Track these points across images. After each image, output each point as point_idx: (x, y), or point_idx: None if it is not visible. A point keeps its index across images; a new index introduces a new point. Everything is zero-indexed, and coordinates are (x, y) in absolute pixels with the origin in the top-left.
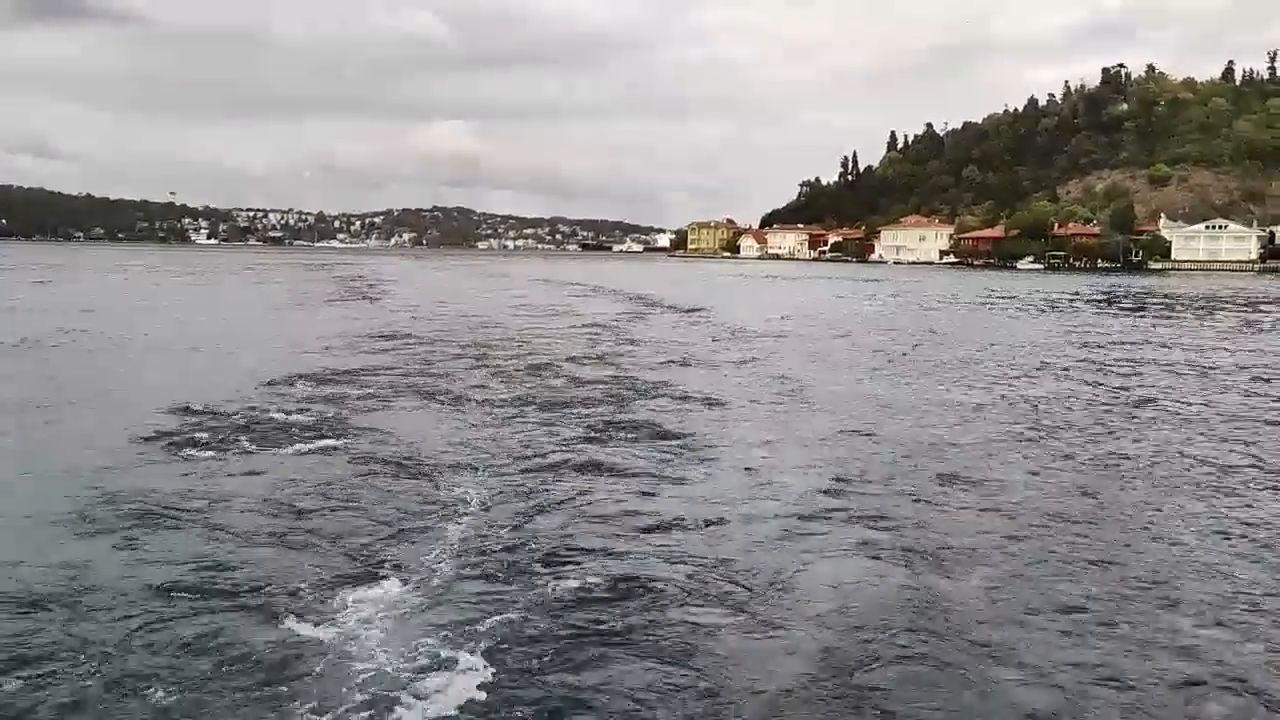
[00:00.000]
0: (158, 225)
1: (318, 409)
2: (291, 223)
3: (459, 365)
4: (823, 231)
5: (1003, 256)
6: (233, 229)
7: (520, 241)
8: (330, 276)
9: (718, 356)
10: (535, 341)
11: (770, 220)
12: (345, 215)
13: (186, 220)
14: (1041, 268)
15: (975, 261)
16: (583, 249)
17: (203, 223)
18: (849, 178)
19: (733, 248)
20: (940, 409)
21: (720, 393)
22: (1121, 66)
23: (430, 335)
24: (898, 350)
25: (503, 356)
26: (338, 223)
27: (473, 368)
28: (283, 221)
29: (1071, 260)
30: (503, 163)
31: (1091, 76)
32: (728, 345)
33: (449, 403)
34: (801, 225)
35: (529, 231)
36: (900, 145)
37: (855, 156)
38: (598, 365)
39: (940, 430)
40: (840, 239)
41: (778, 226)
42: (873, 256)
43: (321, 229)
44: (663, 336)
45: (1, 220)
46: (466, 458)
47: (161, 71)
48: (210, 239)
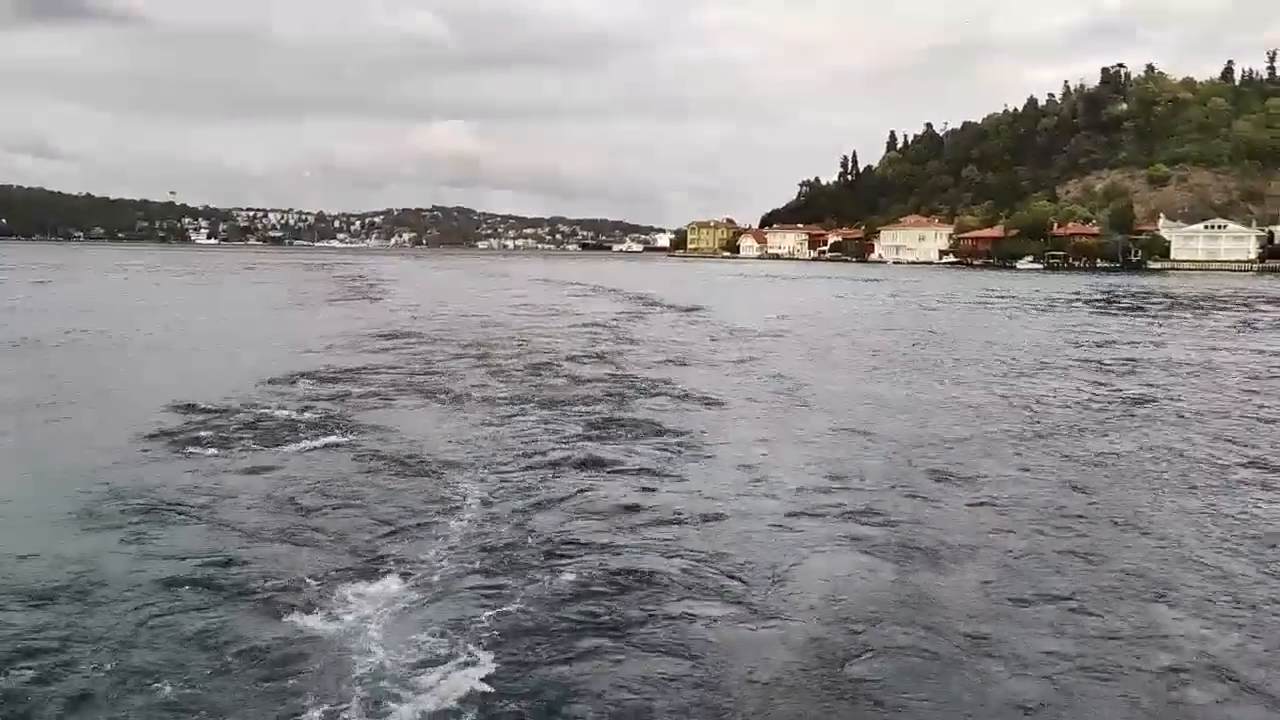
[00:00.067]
0: (158, 225)
1: (319, 407)
2: (291, 223)
3: (459, 364)
4: (822, 231)
5: (1002, 256)
6: (233, 229)
7: (520, 241)
8: (330, 276)
9: (716, 356)
10: (535, 340)
11: (770, 220)
12: (345, 215)
13: (186, 220)
14: (1041, 268)
15: (975, 261)
16: (583, 249)
17: (203, 222)
18: (849, 178)
19: (732, 248)
20: (937, 408)
21: (718, 391)
22: (1121, 66)
23: (431, 334)
24: (896, 350)
25: (503, 355)
26: (338, 222)
27: (473, 366)
28: (283, 221)
29: (1071, 260)
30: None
31: (1091, 76)
32: (726, 344)
33: (450, 401)
34: (801, 225)
35: (529, 231)
36: (900, 145)
37: (855, 156)
38: (597, 364)
39: (936, 428)
40: (840, 239)
41: (777, 226)
42: (872, 256)
43: (321, 229)
44: (662, 336)
45: (1, 220)
46: (467, 455)
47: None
48: (210, 239)
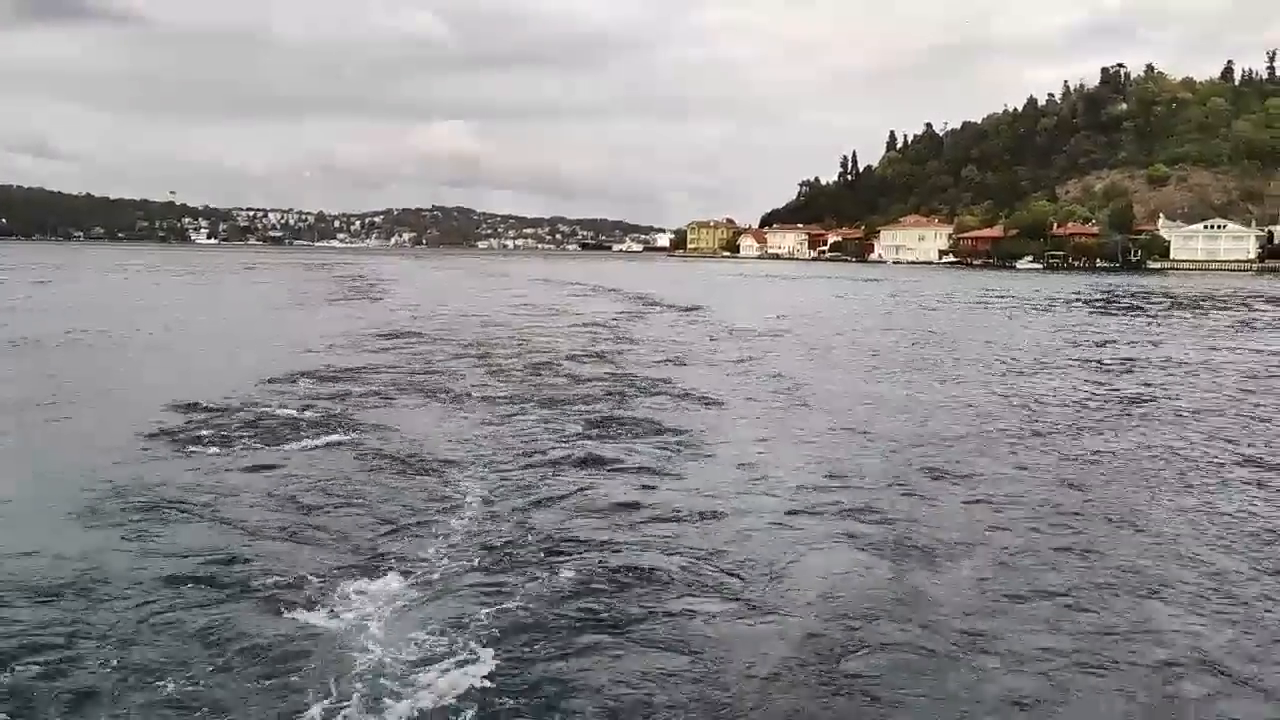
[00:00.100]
0: (158, 225)
1: (320, 406)
2: (291, 222)
3: (460, 364)
4: (822, 231)
5: (1002, 256)
6: (233, 229)
7: (520, 241)
8: (330, 276)
9: (716, 355)
10: (535, 340)
11: (770, 220)
12: (345, 215)
13: (186, 220)
14: (1040, 267)
15: (974, 261)
16: (582, 249)
17: (203, 222)
18: (848, 178)
19: (732, 247)
20: (935, 407)
21: (718, 391)
22: (1121, 66)
23: (431, 334)
24: (895, 349)
25: (503, 355)
26: (338, 222)
27: (473, 366)
28: (283, 221)
29: (1070, 260)
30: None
31: (1091, 76)
32: (726, 344)
33: (450, 400)
34: (801, 225)
35: (529, 231)
36: (900, 145)
37: (855, 156)
38: (597, 363)
39: (934, 427)
40: (840, 239)
41: (777, 226)
42: (872, 256)
43: (321, 229)
44: (661, 335)
45: (1, 220)
46: (468, 454)
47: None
48: (210, 239)
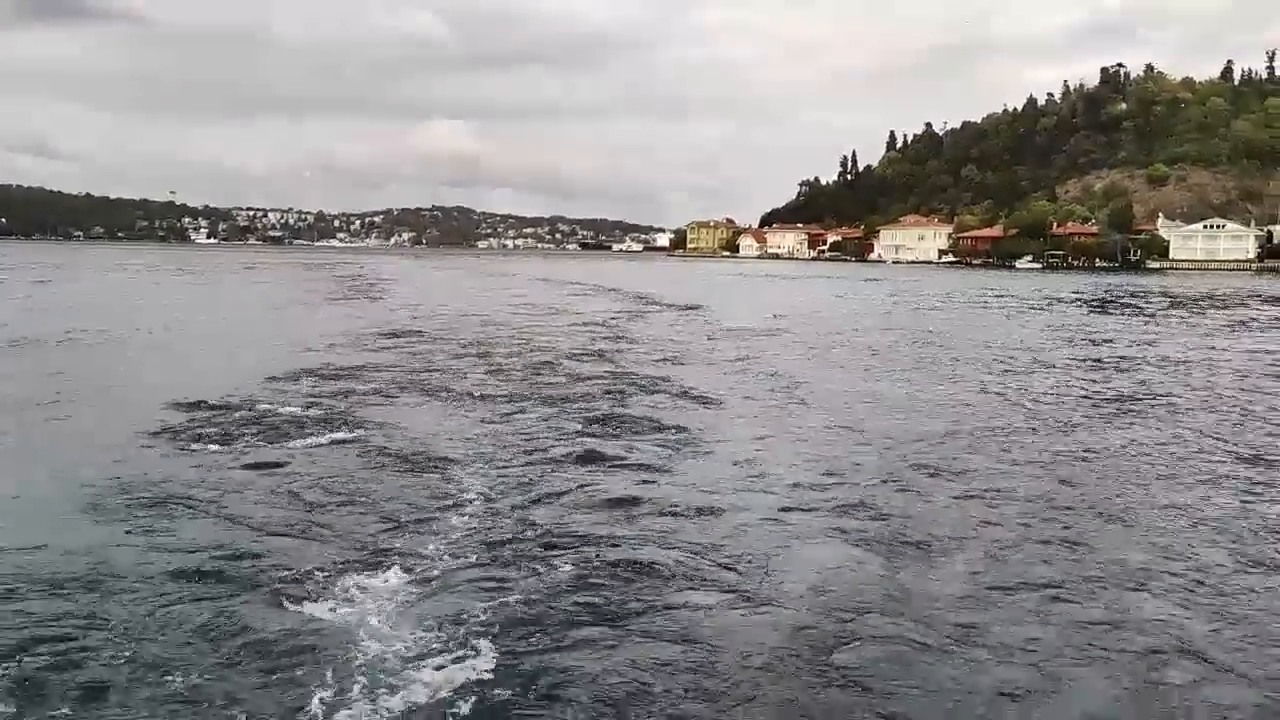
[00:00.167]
0: (157, 225)
1: (322, 404)
2: (291, 222)
3: (460, 362)
4: (822, 231)
5: (1001, 256)
6: (232, 228)
7: (520, 241)
8: (330, 275)
9: (715, 354)
10: (535, 339)
11: (770, 220)
12: (345, 215)
13: (186, 220)
14: (1040, 267)
15: (974, 261)
16: (582, 248)
17: (203, 222)
18: (848, 177)
19: (732, 247)
20: (932, 405)
21: (716, 389)
22: (1120, 66)
23: (431, 333)
24: (893, 348)
25: (503, 354)
26: (337, 222)
27: (474, 365)
28: (282, 221)
29: (1070, 259)
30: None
31: (1091, 76)
32: (724, 343)
33: (451, 398)
34: (801, 225)
35: (529, 231)
36: (899, 145)
37: (855, 156)
38: (597, 362)
39: (931, 425)
40: (839, 238)
41: (777, 226)
42: (872, 256)
43: (321, 228)
44: (661, 334)
45: (1, 220)
46: (469, 451)
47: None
48: (210, 238)
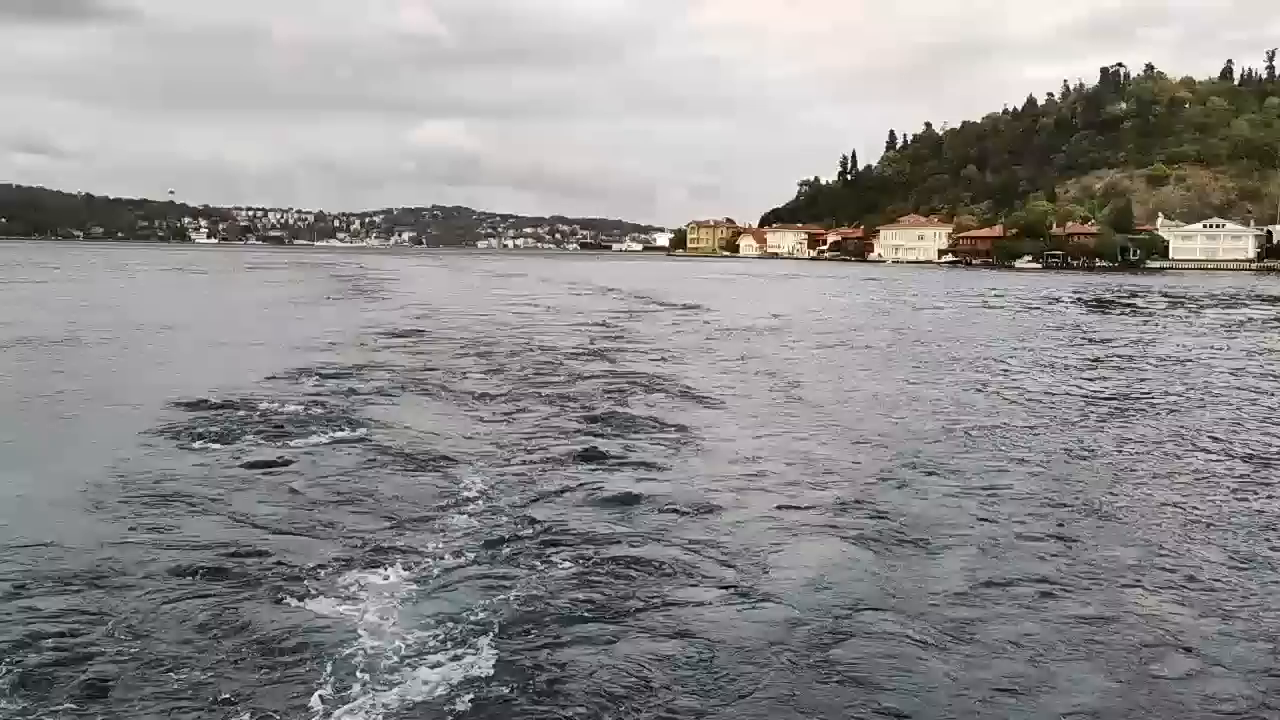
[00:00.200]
0: (157, 224)
1: (324, 403)
2: (291, 222)
3: (461, 361)
4: (822, 231)
5: (1001, 256)
6: (232, 228)
7: (520, 240)
8: (331, 275)
9: (714, 353)
10: (536, 338)
11: (769, 219)
12: (345, 214)
13: (186, 219)
14: (1039, 267)
15: (974, 261)
16: (582, 248)
17: (202, 222)
18: (848, 177)
19: (732, 247)
20: (929, 403)
21: (715, 388)
22: (1120, 66)
23: (432, 332)
24: (892, 347)
25: (504, 353)
26: (337, 221)
27: (475, 364)
28: (282, 220)
29: (1069, 259)
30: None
31: (1090, 76)
32: (724, 343)
33: (452, 397)
34: (800, 224)
35: (529, 230)
36: (899, 145)
37: (854, 156)
38: (597, 361)
39: (927, 423)
40: (839, 238)
41: (777, 226)
42: (872, 256)
43: (321, 228)
44: (660, 333)
45: (1, 219)
46: (470, 449)
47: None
48: (210, 238)
